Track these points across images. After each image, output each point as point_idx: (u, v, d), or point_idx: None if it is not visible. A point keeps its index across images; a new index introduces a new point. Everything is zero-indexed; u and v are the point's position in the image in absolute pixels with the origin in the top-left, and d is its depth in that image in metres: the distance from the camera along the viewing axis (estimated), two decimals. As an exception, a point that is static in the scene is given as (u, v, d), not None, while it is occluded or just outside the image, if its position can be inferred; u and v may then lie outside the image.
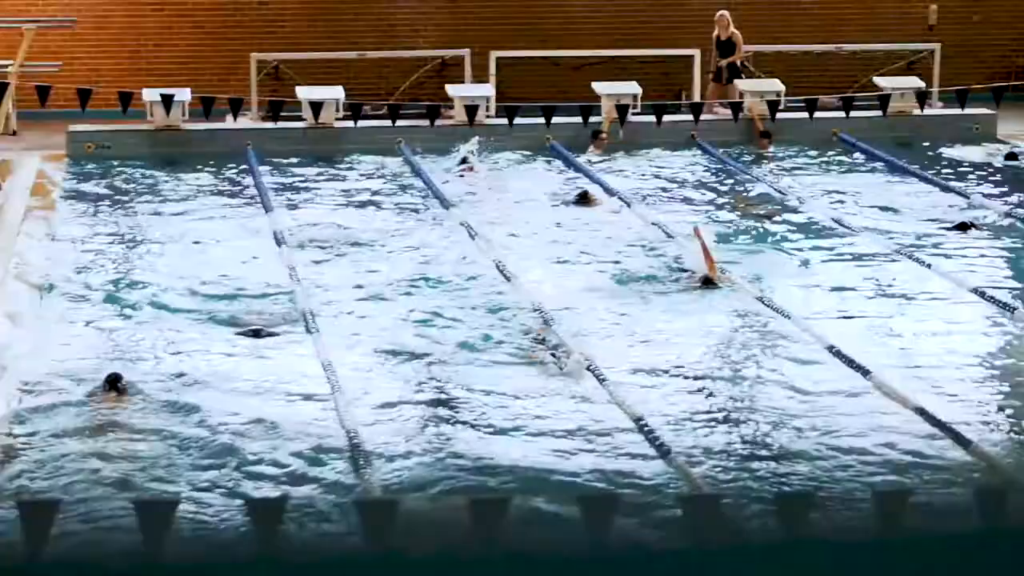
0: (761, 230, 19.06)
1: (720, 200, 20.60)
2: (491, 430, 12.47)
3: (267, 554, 6.08)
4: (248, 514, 8.29)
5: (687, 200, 20.59)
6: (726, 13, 25.14)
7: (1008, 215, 19.50)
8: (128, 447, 12.06)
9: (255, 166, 22.05)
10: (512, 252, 17.72)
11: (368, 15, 26.35)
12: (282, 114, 21.35)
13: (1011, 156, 22.53)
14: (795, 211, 19.86)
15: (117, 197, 20.63)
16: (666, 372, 13.85)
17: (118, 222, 19.21)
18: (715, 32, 25.16)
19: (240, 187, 21.26)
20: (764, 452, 12.11)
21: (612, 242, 18.24)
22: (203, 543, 8.64)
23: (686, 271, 16.83)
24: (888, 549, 5.83)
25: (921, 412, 12.67)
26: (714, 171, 22.36)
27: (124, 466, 11.71)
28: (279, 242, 18.05)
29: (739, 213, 19.94)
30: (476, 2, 26.57)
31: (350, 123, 22.34)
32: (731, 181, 21.68)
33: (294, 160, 22.82)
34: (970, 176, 22.04)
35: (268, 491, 11.30)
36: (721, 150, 23.29)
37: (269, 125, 23.28)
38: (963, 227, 20.43)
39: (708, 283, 16.02)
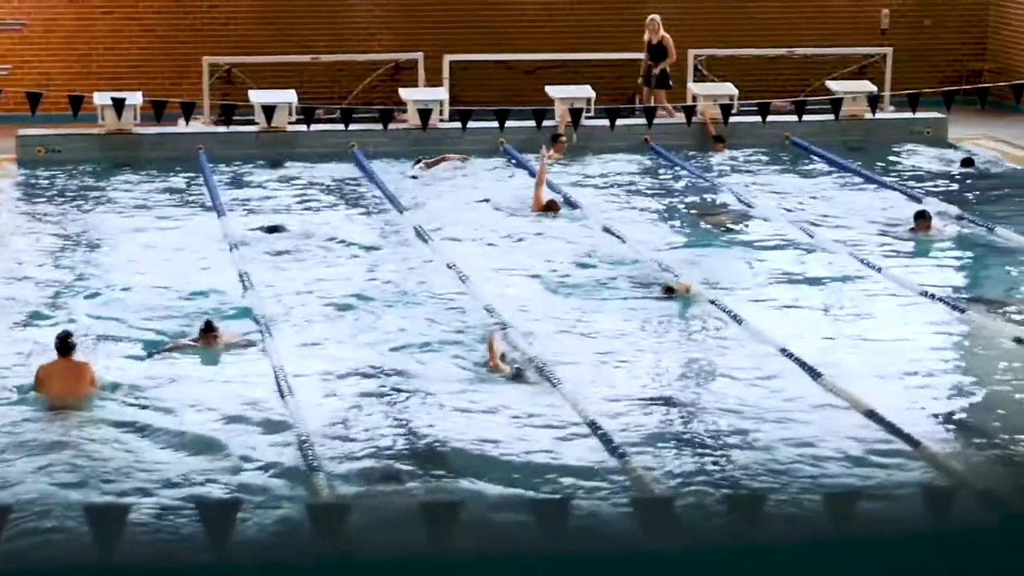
0: (714, 234, 19.09)
1: (674, 204, 20.61)
2: (444, 432, 12.45)
3: (220, 558, 6.06)
4: (200, 518, 8.26)
5: (642, 204, 20.59)
6: (656, 17, 25.11)
7: (960, 217, 19.59)
8: (77, 453, 11.99)
9: (207, 170, 21.95)
10: (464, 256, 17.69)
11: (321, 18, 26.27)
12: (234, 118, 21.24)
13: (967, 162, 22.53)
14: (748, 215, 19.90)
15: (68, 202, 20.49)
16: (620, 377, 13.87)
17: (68, 227, 19.07)
18: (646, 36, 25.09)
19: (192, 191, 21.16)
20: (716, 454, 12.13)
21: (569, 247, 18.24)
22: (155, 547, 8.60)
23: (640, 276, 16.86)
24: (838, 548, 5.85)
25: (871, 414, 12.72)
26: (668, 175, 22.37)
27: (72, 472, 11.64)
28: (231, 246, 17.97)
29: (693, 217, 19.96)
30: (429, 6, 26.52)
31: (303, 127, 22.26)
32: (685, 185, 21.70)
33: (247, 164, 22.73)
34: (922, 179, 22.13)
35: (220, 495, 11.24)
36: (675, 153, 23.30)
37: (221, 129, 23.16)
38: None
39: (669, 292, 15.88)
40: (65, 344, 13.41)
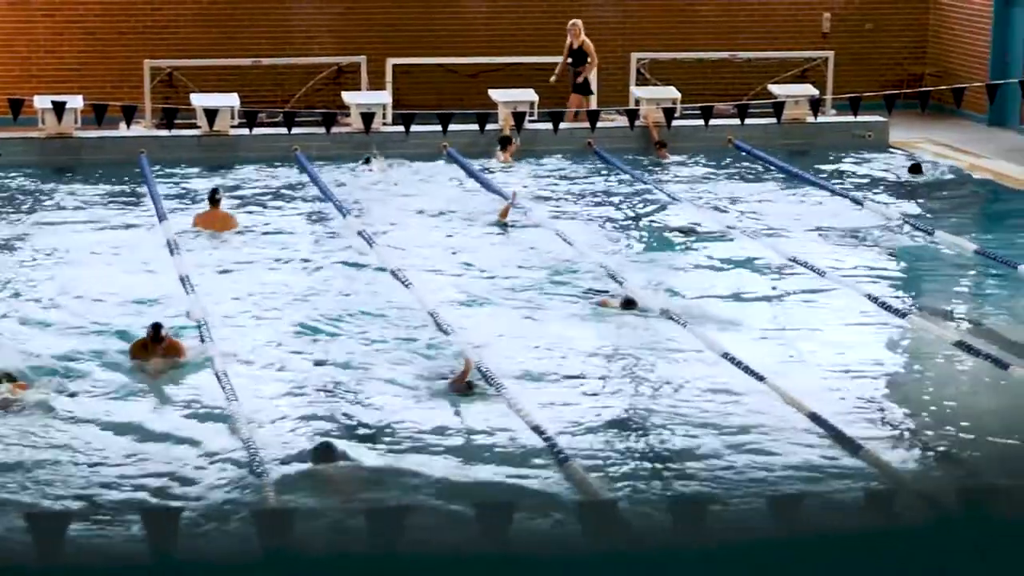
0: (657, 237, 19.13)
1: (617, 209, 20.63)
2: (389, 436, 12.43)
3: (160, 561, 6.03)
4: (141, 522, 8.22)
5: (585, 209, 20.60)
6: (578, 22, 25.09)
7: (903, 220, 19.70)
8: (13, 459, 11.91)
9: (149, 174, 21.82)
10: (408, 260, 17.66)
11: (263, 22, 26.17)
12: (176, 121, 21.13)
13: (915, 168, 22.54)
14: (690, 218, 19.93)
15: (7, 205, 20.32)
16: (565, 382, 13.86)
17: (7, 232, 18.91)
18: (568, 40, 25.05)
19: (133, 195, 21.02)
20: (660, 458, 12.15)
21: (514, 251, 18.24)
22: (93, 549, 8.54)
23: (577, 280, 16.88)
24: (780, 548, 5.88)
25: (814, 417, 12.77)
26: (611, 179, 22.39)
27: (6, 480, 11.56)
28: (172, 251, 17.87)
29: (635, 222, 19.99)
30: (372, 9, 26.46)
31: (245, 130, 22.17)
32: (627, 189, 21.72)
33: (189, 168, 22.61)
34: (863, 182, 22.24)
35: (160, 500, 11.18)
36: (618, 157, 23.33)
37: (163, 132, 23.05)
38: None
39: (629, 305, 15.69)
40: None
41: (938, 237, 18.77)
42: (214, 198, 19.21)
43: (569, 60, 24.99)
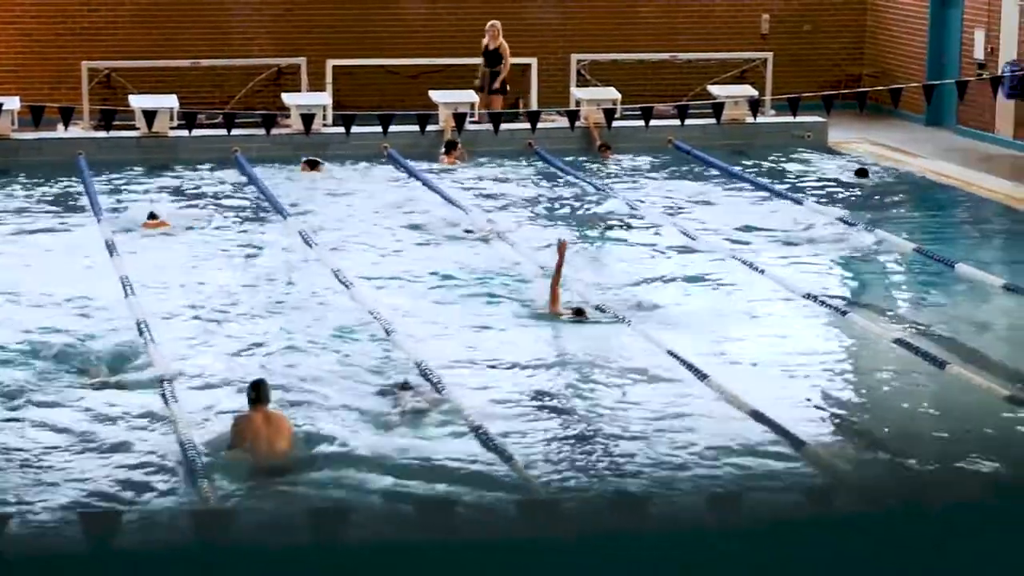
0: (598, 237, 19.16)
1: (558, 209, 20.66)
2: (331, 434, 12.40)
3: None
4: (80, 523, 8.16)
5: (527, 209, 20.61)
6: (496, 23, 25.09)
7: (842, 219, 19.81)
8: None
9: (87, 176, 21.69)
10: (349, 261, 17.63)
11: (202, 23, 26.06)
12: (114, 123, 21.01)
13: (861, 172, 22.61)
14: (631, 219, 19.99)
15: (-56, 208, 20.17)
16: (507, 382, 13.87)
17: (-55, 233, 18.78)
18: (484, 41, 25.03)
19: (72, 197, 20.88)
20: (601, 456, 12.18)
21: (455, 252, 18.24)
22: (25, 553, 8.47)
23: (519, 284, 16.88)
24: (716, 539, 5.92)
25: (756, 414, 12.83)
26: (552, 179, 22.42)
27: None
28: (111, 252, 17.77)
29: (575, 221, 20.02)
30: (312, 10, 26.41)
31: (184, 132, 22.09)
32: (568, 190, 21.75)
33: (127, 169, 22.48)
34: (802, 182, 22.35)
35: (100, 501, 11.12)
36: (562, 158, 23.36)
37: (101, 134, 22.92)
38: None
39: (580, 314, 15.44)
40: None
41: (877, 236, 18.89)
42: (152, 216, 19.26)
43: (483, 61, 24.93)
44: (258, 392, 12.24)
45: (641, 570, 5.77)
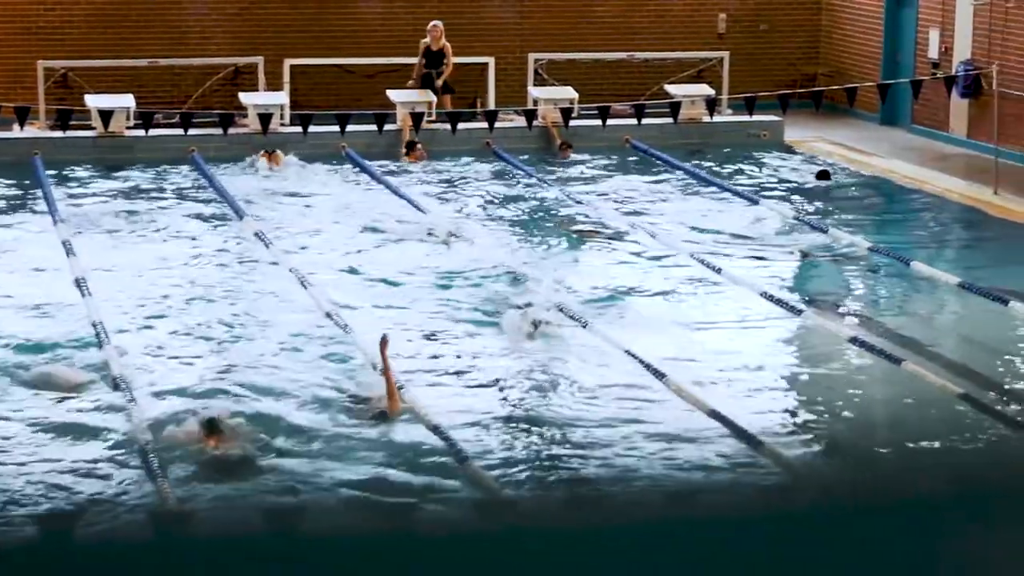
0: (556, 237, 19.19)
1: (517, 209, 20.69)
2: (288, 433, 12.42)
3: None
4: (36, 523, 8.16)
5: (484, 209, 20.63)
6: (439, 24, 25.07)
7: (798, 218, 19.91)
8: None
9: (43, 176, 21.60)
10: (306, 261, 17.62)
11: (159, 22, 25.98)
12: (71, 123, 20.95)
13: (823, 175, 22.58)
14: (589, 218, 20.03)
15: (-101, 208, 20.06)
16: (466, 382, 13.90)
17: (-100, 234, 18.68)
18: (425, 40, 24.97)
19: (28, 198, 20.80)
20: (560, 455, 12.22)
21: (413, 251, 18.25)
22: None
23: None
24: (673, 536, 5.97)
25: (714, 414, 12.89)
26: (510, 179, 22.45)
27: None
28: (68, 253, 17.71)
29: (534, 221, 20.06)
30: (269, 10, 26.36)
31: (141, 132, 22.02)
32: (526, 190, 21.79)
33: (84, 170, 22.40)
34: (758, 181, 22.45)
35: (61, 504, 11.11)
36: (519, 157, 23.39)
37: (57, 134, 22.83)
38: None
39: (537, 326, 15.19)
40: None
41: (832, 234, 18.99)
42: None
43: (423, 61, 24.87)
44: (211, 428, 12.19)
45: (598, 565, 5.83)
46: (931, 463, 12.11)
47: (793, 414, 13.28)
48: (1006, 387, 13.82)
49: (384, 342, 13.14)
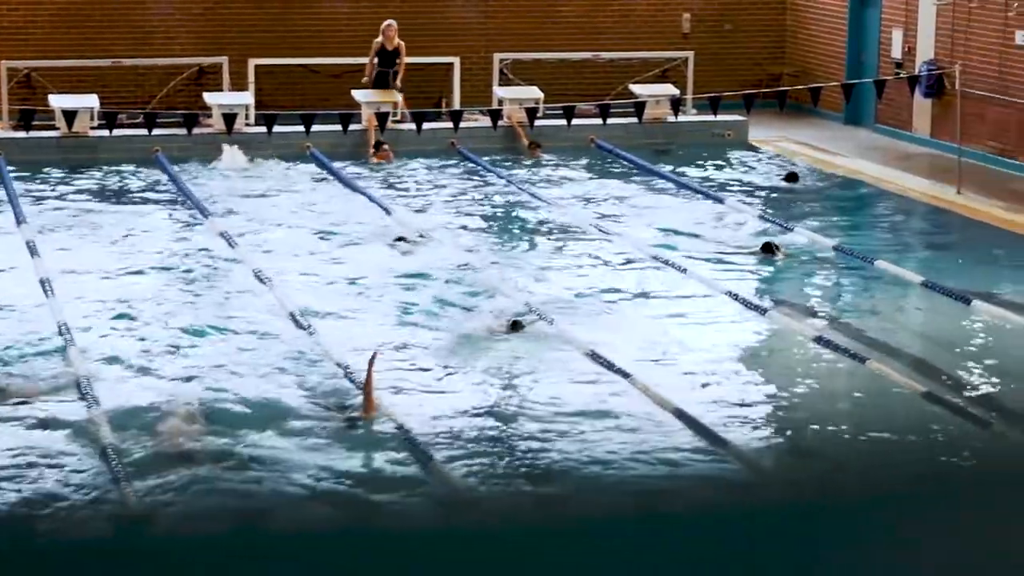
0: (523, 236, 19.20)
1: (482, 210, 20.69)
2: (247, 433, 12.40)
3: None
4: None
5: (448, 211, 20.62)
6: (394, 23, 25.03)
7: (762, 218, 19.95)
8: None
9: (7, 176, 21.51)
10: (271, 261, 17.59)
11: (122, 22, 25.89)
12: (34, 123, 20.86)
13: (791, 177, 22.49)
14: (553, 219, 20.04)
15: None
16: (428, 381, 13.89)
17: None
18: (378, 40, 24.89)
19: (-9, 198, 20.72)
20: (524, 455, 12.23)
21: (379, 252, 18.23)
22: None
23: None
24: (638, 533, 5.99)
25: (679, 413, 12.91)
26: (475, 179, 22.45)
27: None
28: (32, 254, 17.64)
29: (499, 220, 20.06)
30: (233, 10, 26.30)
31: (105, 132, 21.95)
32: (491, 190, 21.79)
33: (48, 170, 22.31)
34: (723, 181, 22.49)
35: (21, 506, 11.07)
36: (484, 158, 23.39)
37: (21, 134, 22.73)
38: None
39: (517, 327, 15.07)
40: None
41: (797, 234, 19.04)
42: None
43: (376, 60, 24.81)
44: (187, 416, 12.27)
45: (562, 562, 5.85)
46: (895, 461, 12.16)
47: (757, 413, 13.31)
48: (969, 385, 13.89)
49: (373, 357, 13.19)
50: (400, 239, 18.26)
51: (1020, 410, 13.50)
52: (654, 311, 16.14)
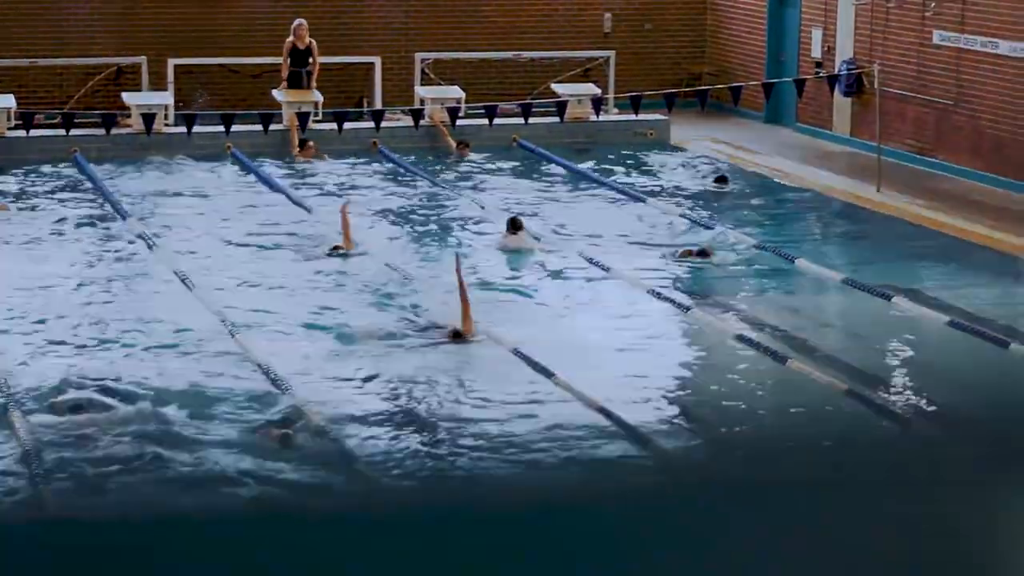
0: (443, 236, 19.16)
1: (401, 209, 20.63)
2: (172, 434, 12.32)
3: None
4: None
5: (369, 209, 20.53)
6: (304, 22, 24.92)
7: (684, 217, 20.01)
8: None
9: (-79, 177, 21.27)
10: (191, 263, 17.46)
11: (39, 22, 25.63)
12: (-51, 123, 20.61)
13: (721, 179, 22.41)
14: (476, 219, 20.01)
15: None
16: (349, 377, 13.84)
17: None
18: (290, 39, 24.76)
19: (-95, 199, 20.45)
20: (450, 455, 12.21)
21: (300, 250, 18.14)
22: None
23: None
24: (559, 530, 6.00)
25: (601, 410, 12.92)
26: (397, 180, 22.38)
27: None
28: (-53, 255, 17.45)
29: (421, 224, 20.00)
30: (152, 9, 26.08)
31: (22, 132, 21.72)
32: (414, 191, 21.73)
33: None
34: (644, 180, 22.52)
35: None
36: (406, 157, 23.32)
37: (-64, 135, 22.48)
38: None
39: (458, 336, 14.78)
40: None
41: (719, 232, 19.10)
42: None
43: (288, 60, 24.68)
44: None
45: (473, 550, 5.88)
46: (816, 459, 12.21)
47: (678, 410, 13.34)
48: (890, 382, 13.98)
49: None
50: (336, 248, 18.00)
51: (939, 404, 13.59)
52: (577, 309, 16.14)
